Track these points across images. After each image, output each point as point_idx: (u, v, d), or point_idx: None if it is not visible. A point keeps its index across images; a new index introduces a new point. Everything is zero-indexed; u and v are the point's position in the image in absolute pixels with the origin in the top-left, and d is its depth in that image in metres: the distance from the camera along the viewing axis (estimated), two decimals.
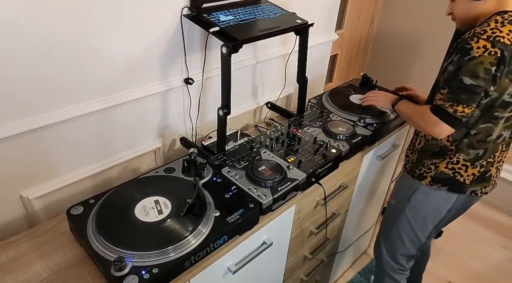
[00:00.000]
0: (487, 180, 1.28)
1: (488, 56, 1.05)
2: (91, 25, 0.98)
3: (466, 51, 1.07)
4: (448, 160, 1.26)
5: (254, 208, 1.01)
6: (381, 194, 1.90)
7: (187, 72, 1.26)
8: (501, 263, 2.13)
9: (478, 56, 1.06)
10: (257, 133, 1.45)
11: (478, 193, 1.29)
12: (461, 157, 1.24)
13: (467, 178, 1.26)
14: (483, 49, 1.05)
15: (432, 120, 1.14)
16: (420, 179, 1.33)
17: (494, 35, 1.05)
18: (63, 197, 1.14)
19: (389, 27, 2.68)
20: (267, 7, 1.29)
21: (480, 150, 1.22)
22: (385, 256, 1.54)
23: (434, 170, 1.29)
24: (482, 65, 1.06)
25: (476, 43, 1.06)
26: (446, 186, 1.28)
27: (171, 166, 1.14)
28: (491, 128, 1.18)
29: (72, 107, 1.04)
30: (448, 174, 1.27)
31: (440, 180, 1.29)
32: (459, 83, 1.09)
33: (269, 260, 1.24)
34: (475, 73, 1.06)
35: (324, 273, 1.75)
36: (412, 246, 1.46)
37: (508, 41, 1.05)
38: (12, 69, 0.90)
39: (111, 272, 0.81)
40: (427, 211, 1.36)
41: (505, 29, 1.07)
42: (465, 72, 1.07)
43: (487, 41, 1.05)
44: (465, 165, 1.25)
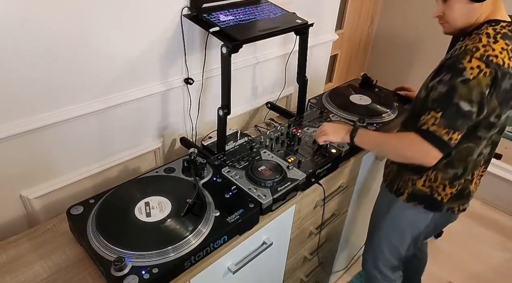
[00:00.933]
0: (465, 196, 1.22)
1: (484, 78, 0.97)
2: (91, 25, 0.98)
3: (459, 71, 0.99)
4: (425, 178, 1.19)
5: (254, 208, 1.01)
6: None
7: (187, 72, 1.26)
8: (501, 264, 2.13)
9: (473, 78, 0.97)
10: (257, 133, 1.45)
11: (455, 210, 1.24)
12: (439, 175, 1.16)
13: (445, 197, 1.20)
14: (477, 70, 0.97)
15: (425, 149, 1.02)
16: (397, 195, 1.27)
17: (487, 54, 0.98)
18: (63, 197, 1.14)
19: (389, 27, 2.69)
20: (267, 7, 1.29)
21: (459, 169, 1.15)
22: (369, 265, 1.51)
23: (411, 186, 1.22)
24: (477, 88, 0.98)
25: (469, 63, 0.98)
26: (423, 203, 1.23)
27: (171, 166, 1.14)
28: (472, 148, 1.11)
29: (72, 107, 1.04)
30: (426, 192, 1.20)
31: (416, 197, 1.22)
32: (456, 109, 0.99)
33: (269, 260, 1.24)
34: (470, 97, 0.98)
35: (324, 273, 1.75)
36: (392, 258, 1.41)
37: (501, 61, 0.98)
38: (12, 69, 0.90)
39: (111, 272, 0.81)
40: (404, 225, 1.31)
41: (498, 46, 0.99)
42: (461, 96, 0.98)
43: (480, 61, 0.97)
44: (443, 184, 1.18)
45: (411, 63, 2.67)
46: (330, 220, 1.45)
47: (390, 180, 1.31)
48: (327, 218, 1.42)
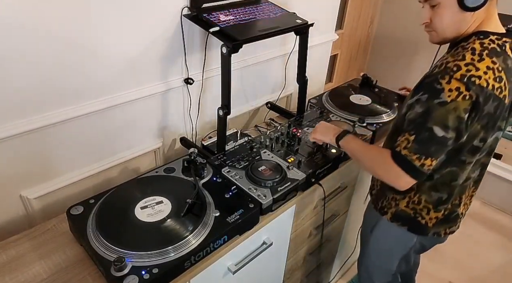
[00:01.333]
0: (453, 220, 1.15)
1: (462, 102, 0.88)
2: (91, 25, 0.98)
3: (436, 93, 0.90)
4: (408, 199, 1.11)
5: (254, 208, 1.01)
6: None
7: (187, 72, 1.26)
8: (502, 264, 2.13)
9: (451, 101, 0.88)
10: (257, 133, 1.45)
11: (442, 234, 1.16)
12: (423, 197, 1.09)
13: (429, 221, 1.12)
14: (456, 92, 0.87)
15: (396, 172, 0.95)
16: (382, 213, 1.20)
17: (469, 74, 0.87)
18: (63, 197, 1.14)
19: (389, 27, 2.68)
20: (267, 7, 1.29)
21: (443, 194, 1.08)
22: (364, 279, 1.44)
23: (394, 206, 1.15)
24: (455, 112, 0.89)
25: (448, 84, 0.88)
26: (406, 225, 1.15)
27: (171, 166, 1.14)
28: (456, 173, 1.04)
29: (72, 107, 1.04)
30: (409, 214, 1.13)
31: (400, 218, 1.15)
32: (429, 134, 0.91)
33: (269, 260, 1.24)
34: (446, 122, 0.90)
35: (324, 274, 1.75)
36: (385, 274, 1.35)
37: (484, 83, 0.87)
38: (12, 69, 0.90)
39: (111, 272, 0.81)
40: (390, 245, 1.25)
41: (483, 65, 0.88)
42: (435, 121, 0.90)
43: (460, 83, 0.87)
44: (427, 207, 1.10)
45: (411, 63, 2.67)
46: (330, 220, 1.45)
47: (375, 195, 1.24)
48: (327, 218, 1.42)
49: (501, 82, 0.91)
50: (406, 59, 2.68)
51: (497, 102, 0.91)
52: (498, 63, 0.90)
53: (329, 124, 1.23)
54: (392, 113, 1.51)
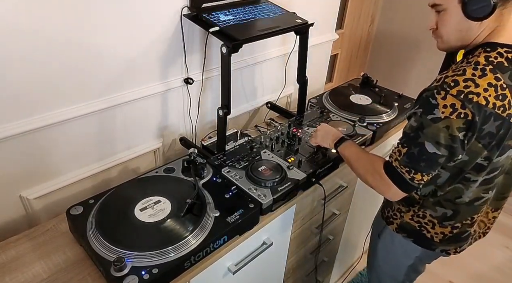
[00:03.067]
0: (463, 239, 1.10)
1: (456, 120, 0.84)
2: (91, 25, 0.98)
3: (430, 108, 0.86)
4: (413, 213, 1.09)
5: (254, 208, 1.01)
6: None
7: (187, 72, 1.26)
8: (503, 263, 2.13)
9: (444, 118, 0.84)
10: (257, 133, 1.45)
11: (451, 253, 1.12)
12: (428, 212, 1.07)
13: (435, 236, 1.09)
14: (450, 109, 0.84)
15: (385, 182, 0.95)
16: (388, 223, 1.18)
17: (467, 90, 0.83)
18: (63, 197, 1.14)
19: (390, 26, 2.68)
20: (267, 7, 1.29)
21: (448, 210, 1.04)
22: None
23: (399, 218, 1.13)
24: (447, 130, 0.85)
25: (443, 100, 0.84)
26: (411, 237, 1.13)
27: (171, 166, 1.14)
28: (460, 189, 1.00)
29: (72, 107, 1.04)
30: (414, 226, 1.10)
31: (405, 230, 1.13)
32: (420, 149, 0.89)
33: (269, 260, 1.24)
34: (437, 139, 0.87)
35: (324, 274, 1.74)
36: (393, 280, 1.32)
37: (483, 101, 0.83)
38: (12, 69, 0.90)
39: (111, 272, 0.81)
40: (396, 254, 1.22)
41: (484, 82, 0.83)
42: (427, 136, 0.87)
43: (456, 99, 0.83)
44: (431, 222, 1.07)
45: (412, 63, 2.66)
46: (330, 220, 1.45)
47: (383, 204, 1.23)
48: (327, 218, 1.42)
49: (505, 100, 0.85)
50: (406, 59, 2.68)
51: (500, 121, 0.86)
52: (503, 80, 0.85)
53: (330, 128, 1.22)
54: (392, 113, 1.51)
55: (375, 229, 1.29)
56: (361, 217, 1.80)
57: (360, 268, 2.06)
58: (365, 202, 1.74)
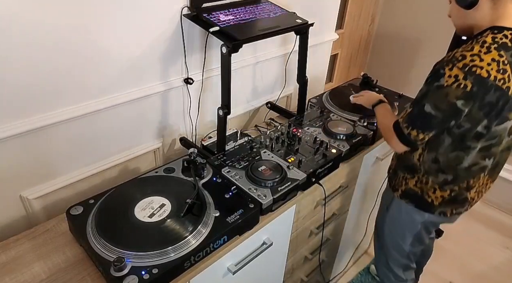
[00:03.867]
0: (460, 202, 1.23)
1: (456, 89, 0.98)
2: (91, 25, 0.98)
3: (438, 76, 1.02)
4: (417, 179, 1.22)
5: (254, 208, 1.01)
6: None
7: (187, 72, 1.26)
8: (503, 263, 2.13)
9: (446, 86, 0.99)
10: (257, 133, 1.45)
11: (448, 214, 1.25)
12: (430, 178, 1.19)
13: (435, 199, 1.22)
14: (453, 79, 0.98)
15: (390, 134, 1.15)
16: (393, 190, 1.32)
17: (472, 64, 0.97)
18: (63, 197, 1.14)
19: (390, 26, 2.68)
20: (267, 6, 1.29)
21: (449, 176, 1.17)
22: (381, 265, 1.52)
23: (404, 184, 1.26)
24: (446, 97, 1.00)
25: (449, 71, 0.99)
26: (414, 202, 1.26)
27: (171, 166, 1.14)
28: (461, 156, 1.13)
29: (72, 107, 1.04)
30: (416, 192, 1.24)
31: (408, 196, 1.26)
32: (419, 109, 1.06)
33: (269, 260, 1.24)
34: (437, 103, 1.02)
35: (324, 273, 1.74)
36: (399, 255, 1.43)
37: (485, 74, 0.96)
38: (12, 69, 0.90)
39: (110, 272, 0.81)
40: (402, 222, 1.34)
41: (488, 57, 0.97)
42: (429, 99, 1.04)
43: (460, 71, 0.97)
44: (433, 187, 1.20)
45: (412, 62, 2.66)
46: (330, 220, 1.45)
47: (390, 175, 1.36)
48: (327, 218, 1.42)
49: (505, 74, 0.98)
50: (406, 59, 2.68)
51: (500, 93, 0.99)
52: (505, 57, 0.98)
53: (373, 94, 1.42)
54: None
55: (384, 203, 1.41)
56: (361, 217, 1.80)
57: (360, 268, 2.06)
58: (365, 202, 1.74)
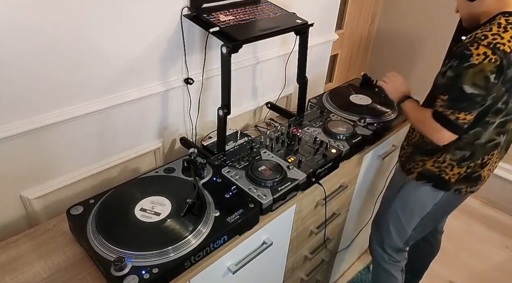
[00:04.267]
0: (474, 180, 1.28)
1: (488, 64, 1.03)
2: (91, 25, 0.98)
3: (465, 57, 1.06)
4: (435, 159, 1.26)
5: (254, 208, 1.01)
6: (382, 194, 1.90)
7: (187, 72, 1.26)
8: (503, 263, 2.13)
9: (478, 63, 1.04)
10: (257, 133, 1.45)
11: (463, 191, 1.30)
12: (448, 156, 1.24)
13: (452, 177, 1.27)
14: (483, 56, 1.03)
15: (433, 127, 1.14)
16: (408, 173, 1.35)
17: (495, 41, 1.04)
18: (63, 197, 1.14)
19: (390, 26, 2.68)
20: (267, 7, 1.29)
21: (466, 152, 1.22)
22: (375, 246, 1.57)
23: (421, 166, 1.30)
24: (482, 73, 1.04)
25: (476, 50, 1.04)
26: (432, 182, 1.30)
27: (171, 166, 1.14)
28: (480, 132, 1.18)
29: (72, 107, 1.04)
30: (434, 172, 1.28)
31: (425, 177, 1.31)
32: (459, 92, 1.08)
33: (269, 260, 1.24)
34: (474, 81, 1.05)
35: (325, 273, 1.75)
36: (398, 238, 1.48)
37: (508, 49, 1.04)
38: (12, 69, 0.90)
39: (111, 272, 0.81)
40: (414, 204, 1.38)
41: (507, 35, 1.05)
42: (465, 80, 1.06)
43: (487, 48, 1.03)
44: (451, 164, 1.25)
45: (412, 62, 2.66)
46: (331, 220, 1.45)
47: (403, 161, 1.39)
48: (327, 218, 1.42)
49: None
50: (407, 59, 2.68)
51: None
52: None
53: (400, 84, 1.39)
54: (392, 113, 1.51)
55: (394, 186, 1.45)
56: (361, 216, 1.80)
57: (360, 267, 2.06)
58: (365, 202, 1.74)
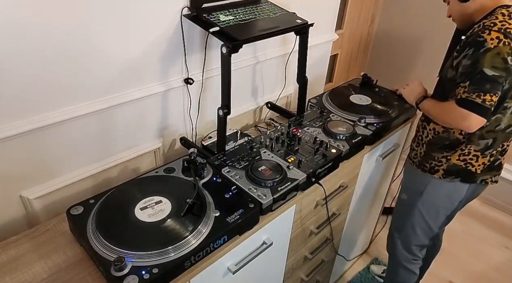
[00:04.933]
0: (496, 168, 1.32)
1: (504, 47, 1.07)
2: (92, 25, 0.98)
3: (480, 43, 1.09)
4: (460, 152, 1.27)
5: (254, 208, 1.01)
6: (382, 194, 1.90)
7: (187, 72, 1.26)
8: (503, 263, 2.13)
9: (494, 47, 1.07)
10: (257, 133, 1.45)
11: (488, 182, 1.33)
12: (472, 147, 1.25)
13: (478, 168, 1.28)
14: (497, 40, 1.07)
15: (461, 114, 1.13)
16: (432, 172, 1.34)
17: (504, 27, 1.08)
18: (63, 197, 1.14)
19: (390, 26, 2.68)
20: (267, 7, 1.29)
21: (489, 139, 1.24)
22: (400, 249, 1.56)
23: (445, 162, 1.30)
24: (499, 55, 1.07)
25: (488, 35, 1.08)
26: (459, 177, 1.30)
27: (171, 166, 1.14)
28: (500, 118, 1.21)
29: (72, 108, 1.04)
30: (460, 166, 1.28)
31: (452, 172, 1.30)
32: (481, 75, 1.09)
33: (269, 260, 1.24)
34: (494, 64, 1.08)
35: (324, 273, 1.75)
36: (425, 237, 1.49)
37: None
38: (12, 69, 0.90)
39: (111, 272, 0.81)
40: (440, 203, 1.38)
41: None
42: (484, 64, 1.08)
43: (499, 33, 1.08)
44: (476, 155, 1.26)
45: (412, 62, 2.67)
46: (331, 220, 1.45)
47: (420, 161, 1.39)
48: (327, 218, 1.42)
49: None
50: (406, 59, 2.68)
51: None
52: None
53: (417, 87, 1.39)
54: (392, 113, 1.51)
55: (413, 189, 1.44)
56: (361, 216, 1.80)
57: (360, 268, 2.06)
58: (365, 202, 1.74)
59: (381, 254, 2.13)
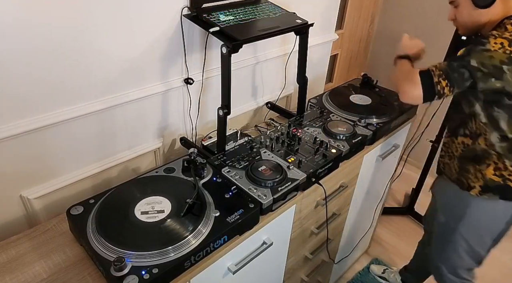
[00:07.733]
0: None
1: (501, 54, 1.05)
2: (91, 25, 0.98)
3: (481, 43, 1.07)
4: (494, 166, 1.18)
5: (254, 208, 1.01)
6: (382, 194, 1.90)
7: (187, 72, 1.26)
8: (504, 264, 2.12)
9: (493, 50, 1.05)
10: (257, 133, 1.45)
11: None
12: (507, 162, 1.17)
13: None
14: (499, 45, 1.06)
15: (412, 80, 1.11)
16: (469, 189, 1.24)
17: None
18: (63, 197, 1.14)
19: (390, 26, 2.68)
20: (267, 7, 1.29)
21: None
22: (447, 275, 1.44)
23: (481, 178, 1.20)
24: (491, 59, 1.05)
25: (493, 39, 1.06)
26: (498, 194, 1.20)
27: (171, 166, 1.14)
28: None
29: (72, 107, 1.04)
30: (498, 182, 1.19)
31: (490, 189, 1.20)
32: (461, 63, 1.07)
33: (269, 260, 1.24)
34: (483, 61, 1.05)
35: (324, 273, 1.74)
36: (472, 260, 1.37)
37: None
38: (12, 69, 0.90)
39: (111, 272, 0.81)
40: (483, 227, 1.28)
41: None
42: (474, 57, 1.06)
43: (505, 39, 1.06)
44: None
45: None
46: (331, 220, 1.45)
47: (456, 176, 1.28)
48: (328, 218, 1.42)
49: None
50: None
51: None
52: None
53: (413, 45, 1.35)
54: (392, 113, 1.50)
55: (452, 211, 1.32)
56: (361, 216, 1.80)
57: (360, 268, 2.06)
58: (365, 202, 1.74)
59: (381, 254, 2.13)
